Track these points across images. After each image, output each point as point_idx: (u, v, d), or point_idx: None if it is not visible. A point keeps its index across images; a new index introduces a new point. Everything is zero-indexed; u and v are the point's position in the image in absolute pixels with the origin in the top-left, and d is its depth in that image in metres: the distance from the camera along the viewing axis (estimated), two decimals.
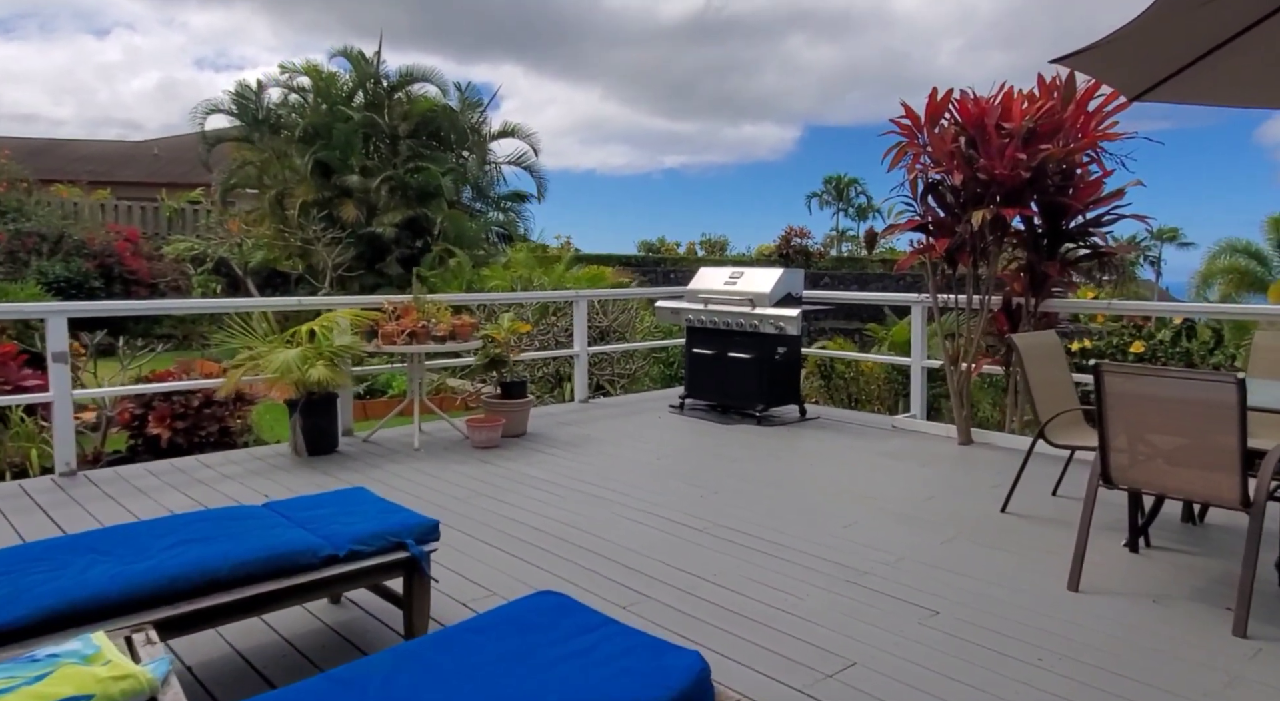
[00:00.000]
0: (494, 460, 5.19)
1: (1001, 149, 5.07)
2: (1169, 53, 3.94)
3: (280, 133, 18.26)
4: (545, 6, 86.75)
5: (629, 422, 6.47)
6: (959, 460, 5.30)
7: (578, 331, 7.33)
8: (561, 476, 4.81)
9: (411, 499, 4.33)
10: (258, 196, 18.50)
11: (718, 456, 5.35)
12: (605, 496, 4.43)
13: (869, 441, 5.82)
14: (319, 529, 2.52)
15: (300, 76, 18.26)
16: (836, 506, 4.29)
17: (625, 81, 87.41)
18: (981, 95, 5.41)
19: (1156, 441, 3.07)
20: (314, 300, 6.06)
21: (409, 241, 17.95)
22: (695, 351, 6.87)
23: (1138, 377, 2.99)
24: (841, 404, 9.09)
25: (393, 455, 5.28)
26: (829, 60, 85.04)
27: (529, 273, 14.55)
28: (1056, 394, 4.19)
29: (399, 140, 18.36)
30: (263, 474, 4.80)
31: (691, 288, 6.99)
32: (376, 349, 5.24)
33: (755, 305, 6.38)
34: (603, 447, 5.57)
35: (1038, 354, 4.17)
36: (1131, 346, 6.25)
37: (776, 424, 6.42)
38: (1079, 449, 4.00)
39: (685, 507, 4.24)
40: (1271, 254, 22.84)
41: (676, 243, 28.69)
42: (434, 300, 5.85)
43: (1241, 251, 22.89)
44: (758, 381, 6.45)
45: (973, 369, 5.70)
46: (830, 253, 29.55)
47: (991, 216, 5.06)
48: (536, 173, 20.13)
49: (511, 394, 5.93)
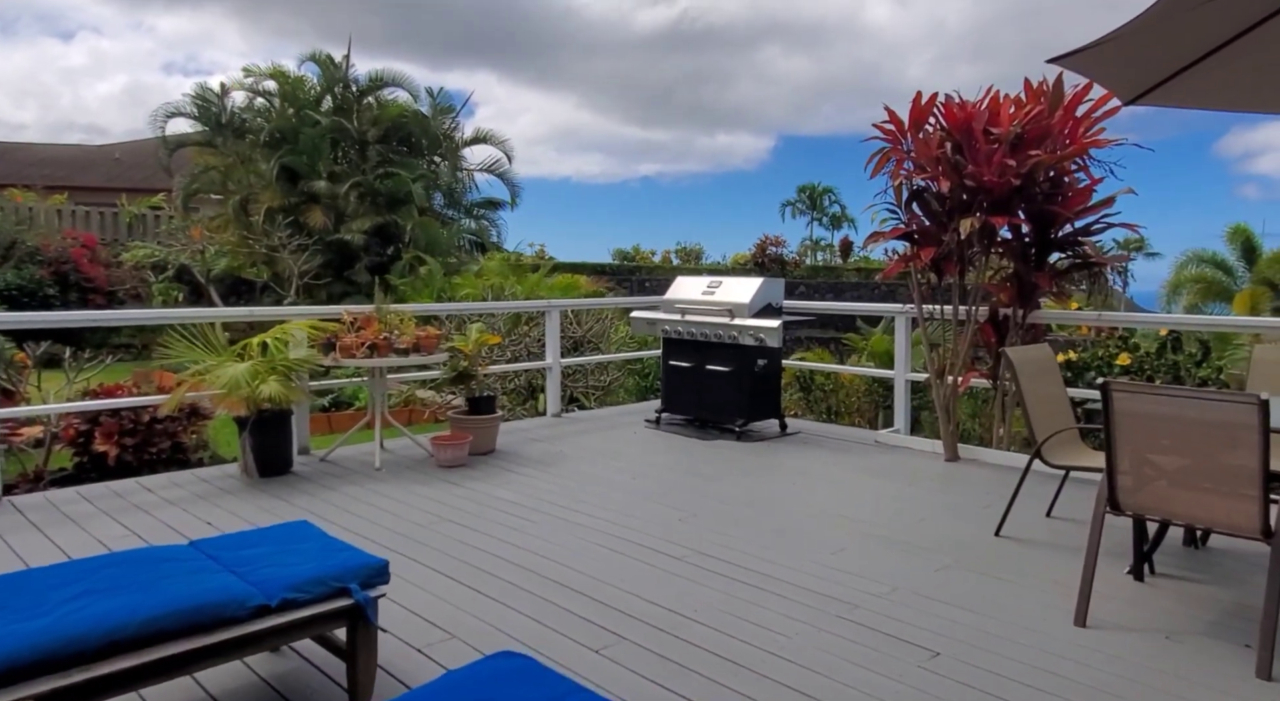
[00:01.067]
0: (460, 480, 4.89)
1: (989, 155, 4.90)
2: (1166, 55, 3.78)
3: (245, 137, 17.79)
4: (520, 15, 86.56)
5: (603, 438, 6.20)
6: (947, 478, 5.10)
7: (550, 343, 7.05)
8: (531, 498, 4.52)
9: (368, 525, 4.02)
10: (221, 202, 17.98)
11: (696, 475, 5.10)
12: (577, 521, 4.15)
13: (852, 457, 5.60)
14: (250, 573, 2.22)
15: (266, 80, 17.82)
16: (822, 530, 4.05)
17: (601, 90, 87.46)
18: (968, 99, 5.24)
19: (1169, 465, 2.86)
20: (267, 311, 5.72)
21: (378, 249, 17.56)
22: (672, 364, 6.62)
23: (1149, 397, 2.78)
24: (821, 416, 8.90)
25: (351, 475, 4.96)
26: (802, 71, 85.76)
27: (502, 281, 14.23)
28: (1052, 411, 3.99)
29: (368, 145, 17.97)
30: (208, 498, 4.46)
31: (668, 298, 6.75)
32: (334, 362, 4.92)
33: (734, 316, 6.15)
34: (575, 466, 5.29)
35: (1033, 369, 3.97)
36: (1118, 359, 6.11)
37: (756, 439, 6.18)
38: (1077, 470, 3.80)
39: (662, 533, 3.97)
40: (1236, 264, 23.20)
41: (651, 251, 28.49)
42: (398, 310, 5.54)
43: (1208, 262, 23.21)
44: (737, 395, 6.21)
45: (959, 382, 5.51)
46: (805, 261, 29.53)
47: (980, 225, 4.87)
48: (509, 180, 19.83)
49: (479, 409, 5.63)
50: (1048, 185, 5.20)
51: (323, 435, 11.59)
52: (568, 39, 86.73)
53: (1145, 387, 2.81)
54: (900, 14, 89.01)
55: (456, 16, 78.02)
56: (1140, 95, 4.02)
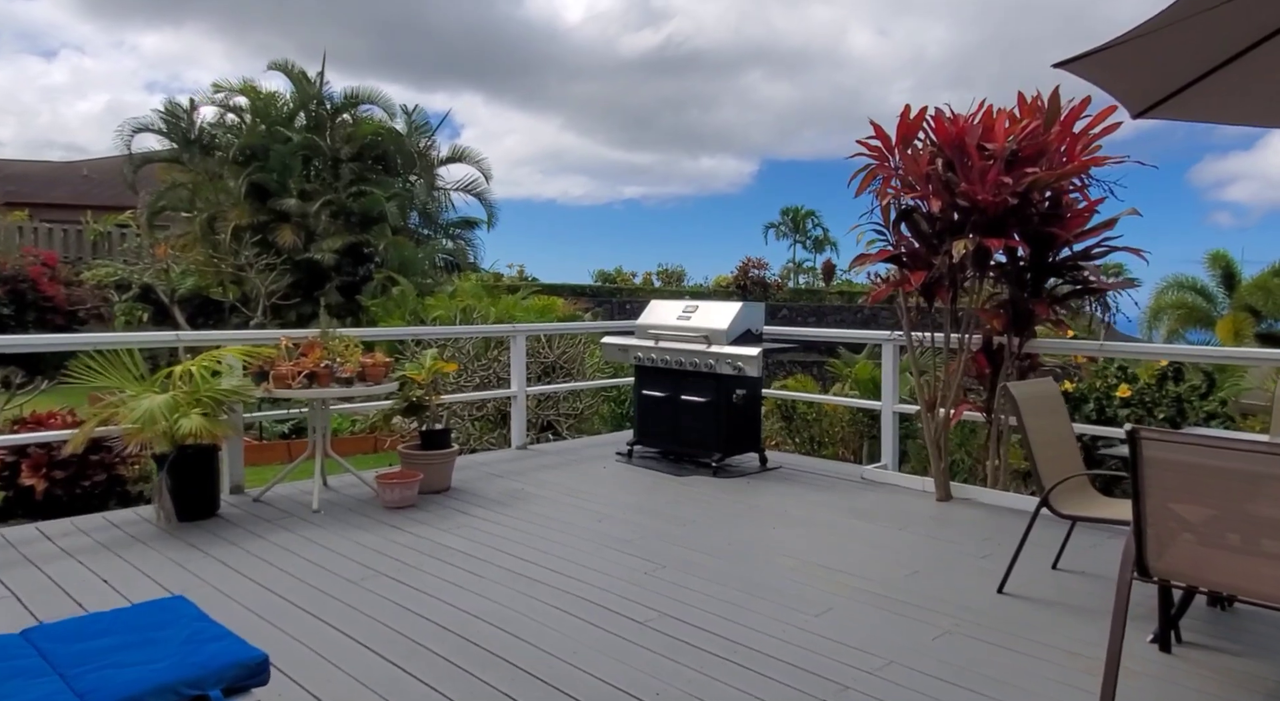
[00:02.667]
0: (406, 524, 4.41)
1: (983, 172, 4.54)
2: (1182, 62, 3.43)
3: (214, 153, 17.30)
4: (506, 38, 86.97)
5: (570, 473, 5.74)
6: (939, 521, 4.68)
7: (515, 370, 6.61)
8: (482, 547, 4.05)
9: (289, 582, 3.53)
10: (188, 220, 17.44)
11: (668, 518, 4.65)
12: (531, 574, 3.69)
13: (838, 496, 5.18)
14: (82, 677, 1.75)
15: (237, 96, 17.38)
16: (805, 586, 3.61)
17: (585, 113, 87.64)
18: (959, 113, 4.90)
19: (1209, 525, 2.46)
20: (195, 335, 5.23)
21: (350, 269, 17.06)
22: (645, 393, 6.19)
23: (1188, 446, 2.38)
24: (804, 447, 8.48)
25: (284, 519, 4.46)
26: (785, 96, 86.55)
27: (475, 303, 13.77)
28: (1060, 453, 3.59)
29: (341, 163, 17.53)
30: (114, 547, 3.95)
31: (641, 323, 6.33)
32: (267, 393, 4.44)
33: (711, 343, 5.74)
34: (536, 507, 4.83)
35: (1038, 406, 3.58)
36: (1118, 390, 5.75)
37: (734, 475, 5.75)
38: (1089, 521, 3.39)
39: (626, 589, 3.52)
40: (1216, 290, 23.23)
41: (633, 273, 28.16)
42: (346, 335, 5.08)
43: (1188, 287, 23.22)
44: (714, 427, 5.79)
45: (951, 416, 5.11)
46: (788, 284, 29.32)
47: (974, 247, 4.51)
48: (487, 199, 19.44)
49: (433, 443, 5.16)
50: (1045, 205, 4.86)
51: (281, 465, 11.05)
52: (553, 62, 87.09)
53: (1180, 435, 2.41)
54: (881, 42, 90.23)
55: (442, 38, 78.04)
56: (1151, 107, 3.68)
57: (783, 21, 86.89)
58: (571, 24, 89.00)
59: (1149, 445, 2.41)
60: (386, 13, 69.47)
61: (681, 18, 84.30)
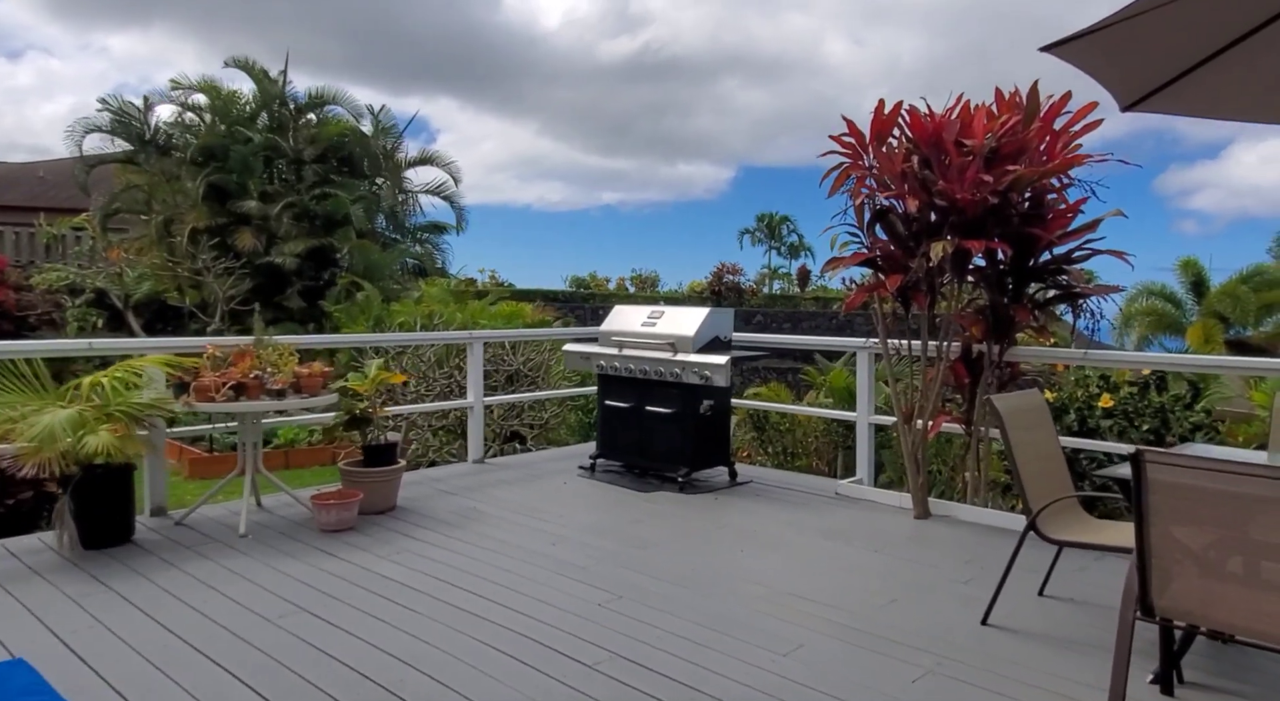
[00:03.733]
0: (341, 550, 4.04)
1: (962, 169, 4.28)
2: (1174, 50, 3.19)
3: (171, 154, 16.73)
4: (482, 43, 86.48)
5: (528, 490, 5.39)
6: (918, 541, 4.40)
7: (472, 380, 6.25)
8: (422, 577, 3.69)
9: (197, 621, 3.15)
10: (145, 223, 16.84)
11: (628, 540, 4.32)
12: (473, 609, 3.34)
13: (810, 514, 4.88)
14: None
15: (196, 94, 16.83)
16: (774, 618, 3.29)
17: (562, 118, 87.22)
18: (935, 109, 4.64)
19: (1224, 559, 2.18)
20: (108, 343, 4.81)
21: (313, 273, 16.56)
22: (609, 404, 5.86)
23: (1200, 471, 2.10)
24: (776, 458, 8.19)
25: (206, 545, 4.07)
26: (762, 103, 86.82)
27: (441, 308, 13.37)
28: (1046, 471, 3.32)
29: (304, 165, 17.04)
30: (4, 581, 3.54)
31: (604, 329, 6.01)
32: (187, 406, 4.05)
33: (677, 350, 5.43)
34: (488, 528, 4.48)
35: (1023, 421, 3.30)
36: (1100, 400, 5.52)
37: (702, 490, 5.44)
38: (1080, 547, 3.11)
39: (577, 626, 3.18)
40: (1185, 297, 23.42)
41: (606, 278, 27.83)
42: (283, 342, 4.70)
43: (1157, 294, 23.38)
44: (680, 440, 5.47)
45: (929, 428, 4.84)
46: (763, 290, 29.15)
47: (953, 249, 4.24)
48: (456, 203, 19.03)
49: (377, 460, 4.79)
50: (1025, 206, 4.61)
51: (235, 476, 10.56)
52: (530, 67, 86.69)
53: (1192, 459, 2.13)
54: (856, 51, 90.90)
55: (417, 43, 77.24)
56: (1142, 98, 3.43)
57: (760, 29, 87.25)
58: (549, 29, 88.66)
59: (1156, 469, 2.13)
60: (360, 16, 68.66)
61: (659, 24, 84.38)
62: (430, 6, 79.43)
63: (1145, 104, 3.49)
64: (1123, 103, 3.45)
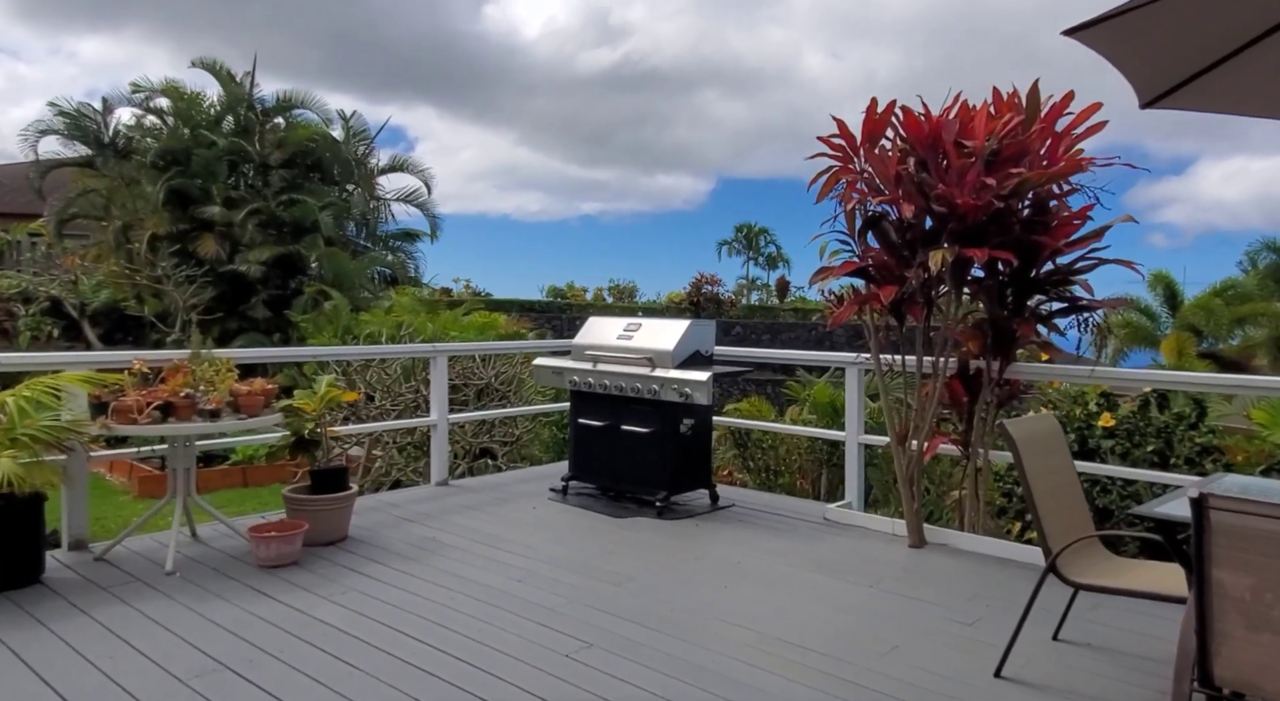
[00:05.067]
0: (278, 589, 3.61)
1: (963, 171, 3.97)
2: (1202, 40, 2.90)
3: (131, 158, 16.14)
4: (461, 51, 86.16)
5: (494, 515, 4.99)
6: (916, 575, 4.05)
7: (435, 395, 5.84)
8: (367, 622, 3.28)
9: (95, 681, 2.71)
10: (103, 228, 16.22)
11: (602, 575, 3.94)
12: (423, 663, 2.94)
13: (799, 542, 4.53)
14: None
15: (158, 97, 16.26)
16: (762, 670, 2.92)
17: (542, 128, 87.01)
18: (931, 109, 4.33)
19: None
20: (14, 358, 4.35)
21: (279, 281, 16.03)
22: (582, 422, 5.48)
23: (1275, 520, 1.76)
24: (759, 478, 7.84)
25: (124, 586, 3.62)
26: (740, 115, 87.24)
27: (412, 318, 12.91)
28: (1065, 505, 2.99)
29: (271, 170, 16.52)
30: None
31: (578, 342, 5.63)
32: (105, 429, 3.61)
33: (655, 366, 5.07)
34: (446, 562, 4.07)
35: (1039, 448, 2.97)
36: (1101, 419, 5.23)
37: (682, 515, 5.07)
38: (1106, 592, 2.78)
39: (540, 683, 2.79)
40: (1160, 310, 23.54)
41: (584, 288, 27.46)
42: (222, 356, 4.27)
43: (1132, 307, 23.48)
44: (658, 462, 5.10)
45: (925, 449, 4.51)
46: (742, 301, 28.93)
47: (953, 258, 3.92)
48: (430, 211, 18.59)
49: (325, 486, 4.36)
50: (1027, 212, 4.31)
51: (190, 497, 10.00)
52: (509, 77, 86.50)
53: (1266, 505, 1.79)
54: (834, 64, 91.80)
55: (396, 51, 76.64)
56: (1164, 94, 3.14)
57: (739, 42, 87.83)
58: (529, 39, 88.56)
59: (1221, 518, 1.79)
60: (338, 24, 68.09)
61: (640, 36, 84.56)
62: (410, 15, 79.00)
63: (1166, 101, 3.20)
64: (1143, 98, 3.15)
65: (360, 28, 72.24)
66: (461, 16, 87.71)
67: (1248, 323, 21.77)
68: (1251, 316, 21.51)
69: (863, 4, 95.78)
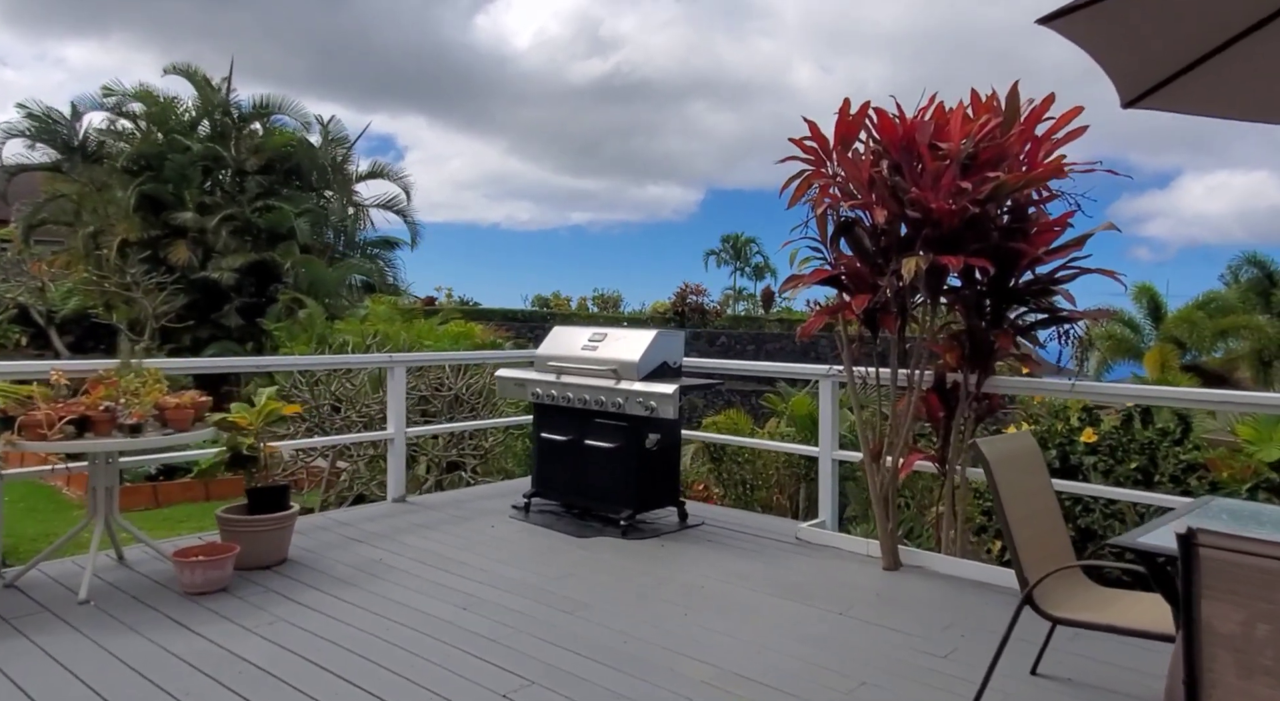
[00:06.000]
0: (202, 620, 3.34)
1: (937, 175, 3.77)
2: (1192, 33, 2.71)
3: (102, 162, 15.81)
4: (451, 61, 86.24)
5: (450, 535, 4.73)
6: (888, 601, 3.82)
7: (393, 408, 5.58)
8: (291, 658, 3.02)
9: None
10: (72, 234, 15.86)
11: (556, 601, 3.69)
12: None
13: (768, 564, 4.29)
14: None
15: (131, 101, 15.94)
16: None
17: (531, 138, 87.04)
18: (905, 111, 4.14)
19: None
20: None
21: (253, 289, 15.70)
22: (545, 436, 5.24)
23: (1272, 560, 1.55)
24: (735, 493, 7.61)
25: (31, 617, 3.34)
26: (729, 126, 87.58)
27: (387, 327, 12.62)
28: (1043, 531, 2.77)
29: (247, 175, 16.23)
30: None
31: (541, 353, 5.39)
32: (9, 446, 3.34)
33: (620, 378, 4.84)
34: (391, 587, 3.81)
35: (1015, 470, 2.76)
36: (1083, 434, 5.04)
37: (647, 534, 4.83)
38: (1086, 627, 2.56)
39: None
40: (1143, 322, 23.54)
41: (568, 298, 27.22)
42: (151, 367, 4.01)
43: (1116, 320, 23.47)
44: (624, 478, 4.86)
45: (901, 466, 4.30)
46: (727, 311, 28.76)
47: (927, 266, 3.71)
48: (410, 218, 18.32)
49: (264, 505, 4.10)
50: (1006, 218, 4.12)
51: (145, 511, 9.66)
52: (500, 87, 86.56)
53: (1261, 543, 1.58)
54: (823, 77, 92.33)
55: (386, 59, 76.50)
56: (1148, 92, 2.95)
57: (729, 54, 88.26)
58: (519, 50, 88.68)
59: (1211, 557, 1.57)
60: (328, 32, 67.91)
61: (631, 47, 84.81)
62: (400, 24, 78.98)
63: (1147, 100, 3.01)
64: (1125, 97, 2.97)
65: (351, 37, 72.07)
66: (453, 26, 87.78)
67: (1230, 335, 21.82)
68: (1234, 329, 21.56)
69: (851, 17, 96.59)
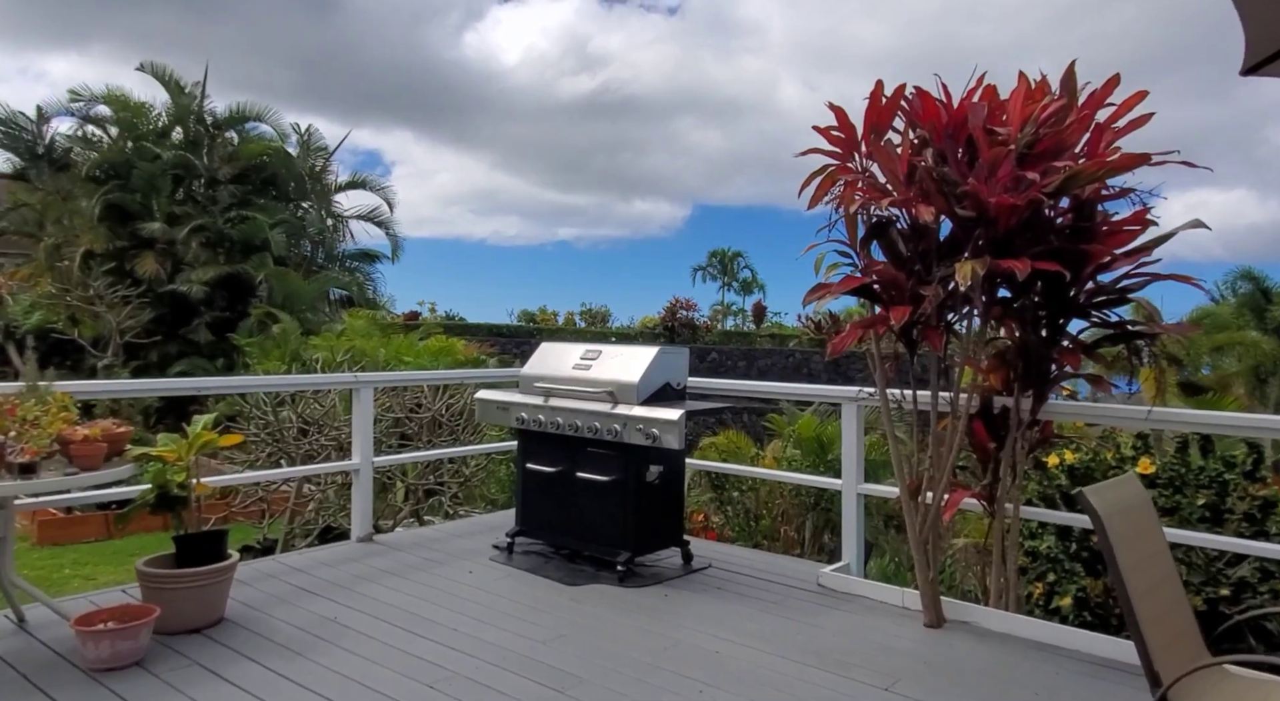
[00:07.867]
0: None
1: (994, 165, 3.20)
2: None
3: (69, 170, 15.10)
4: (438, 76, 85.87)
5: (420, 582, 4.08)
6: (938, 670, 3.21)
7: (359, 434, 4.94)
8: None
9: None
10: (33, 245, 15.12)
11: (539, 674, 3.05)
12: None
13: (789, 621, 3.67)
14: None
15: (98, 105, 15.28)
16: None
17: (519, 153, 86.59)
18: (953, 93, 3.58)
19: None
20: None
21: (225, 303, 14.99)
22: (531, 467, 4.61)
23: None
24: (738, 526, 6.99)
25: None
26: (716, 143, 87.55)
27: (364, 343, 11.92)
28: (1167, 606, 2.17)
29: (220, 185, 15.56)
30: None
31: (526, 373, 4.77)
32: None
33: (617, 402, 4.22)
34: (341, 655, 3.16)
35: (1130, 526, 2.16)
36: (1138, 466, 4.46)
37: (648, 581, 4.20)
38: None
39: None
40: None
41: (555, 312, 26.60)
42: (65, 390, 3.36)
43: None
44: (621, 517, 4.24)
45: (945, 506, 3.70)
46: (717, 326, 28.22)
47: (985, 271, 3.13)
48: (391, 230, 17.71)
49: (194, 555, 3.44)
50: (1071, 216, 3.56)
51: (99, 542, 8.89)
52: (487, 102, 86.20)
53: None
54: (809, 95, 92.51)
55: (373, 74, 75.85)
56: (1270, 58, 2.40)
57: (716, 71, 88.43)
58: (507, 66, 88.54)
59: None
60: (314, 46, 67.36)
61: (619, 64, 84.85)
62: (387, 39, 78.59)
63: (1266, 68, 2.46)
64: (1248, 61, 2.41)
65: (337, 52, 71.52)
66: (440, 42, 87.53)
67: (1226, 351, 21.50)
68: (1228, 345, 21.25)
69: (837, 36, 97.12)
